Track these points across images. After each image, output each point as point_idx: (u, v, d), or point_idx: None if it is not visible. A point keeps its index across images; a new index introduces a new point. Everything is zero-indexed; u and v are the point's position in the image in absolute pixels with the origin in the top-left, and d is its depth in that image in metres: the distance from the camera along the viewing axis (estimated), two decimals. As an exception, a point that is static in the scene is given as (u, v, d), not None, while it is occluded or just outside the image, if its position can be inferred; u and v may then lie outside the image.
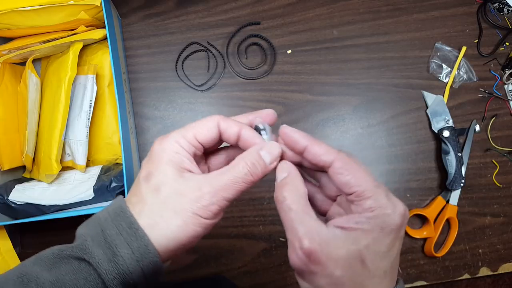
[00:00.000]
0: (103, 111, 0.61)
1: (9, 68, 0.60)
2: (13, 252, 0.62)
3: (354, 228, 0.26)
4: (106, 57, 0.61)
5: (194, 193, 0.27)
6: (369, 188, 0.26)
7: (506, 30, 0.66)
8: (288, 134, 0.30)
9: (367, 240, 0.26)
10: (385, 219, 0.26)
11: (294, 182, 0.29)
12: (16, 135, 0.60)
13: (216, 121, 0.30)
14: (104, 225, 0.28)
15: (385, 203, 0.26)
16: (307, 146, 0.29)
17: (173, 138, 0.29)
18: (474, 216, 0.65)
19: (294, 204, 0.27)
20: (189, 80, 0.66)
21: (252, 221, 0.64)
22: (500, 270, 0.64)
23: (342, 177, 0.27)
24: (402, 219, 0.26)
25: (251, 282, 0.63)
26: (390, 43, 0.66)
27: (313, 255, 0.25)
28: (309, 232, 0.26)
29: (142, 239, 0.27)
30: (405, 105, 0.66)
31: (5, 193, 0.56)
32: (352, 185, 0.27)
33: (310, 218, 0.27)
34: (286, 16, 0.67)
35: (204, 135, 0.30)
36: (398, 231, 0.26)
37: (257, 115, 0.32)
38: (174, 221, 0.27)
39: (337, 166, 0.27)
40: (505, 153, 0.65)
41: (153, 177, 0.28)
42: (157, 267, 0.27)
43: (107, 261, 0.26)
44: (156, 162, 0.29)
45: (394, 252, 0.27)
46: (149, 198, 0.28)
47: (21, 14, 0.54)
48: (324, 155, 0.28)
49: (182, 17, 0.67)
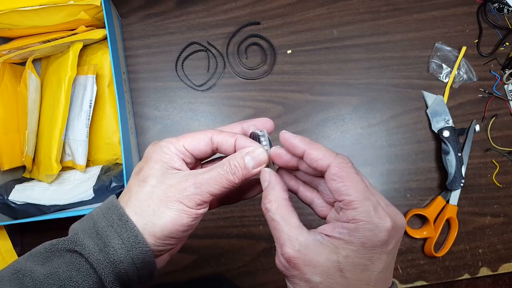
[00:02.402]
0: (103, 111, 0.61)
1: (9, 68, 0.60)
2: (13, 252, 0.62)
3: (336, 237, 0.26)
4: (106, 57, 0.61)
5: (180, 184, 0.29)
6: (357, 199, 0.26)
7: (506, 30, 0.66)
8: (287, 139, 0.30)
9: (347, 251, 0.26)
10: (366, 234, 0.26)
11: (274, 191, 0.30)
12: (16, 135, 0.60)
13: (209, 135, 0.31)
14: (95, 218, 0.29)
15: (370, 217, 0.26)
16: (305, 151, 0.29)
17: (164, 142, 0.31)
18: (474, 216, 0.65)
19: (275, 214, 0.28)
20: (189, 80, 0.66)
21: (252, 221, 0.64)
22: (500, 270, 0.64)
23: (335, 183, 0.27)
24: (387, 235, 0.26)
25: (251, 282, 0.63)
26: (390, 43, 0.66)
27: (291, 261, 0.27)
28: (289, 239, 0.27)
29: (132, 230, 0.28)
30: (405, 105, 0.66)
31: (5, 193, 0.56)
32: (341, 193, 0.27)
33: (290, 227, 0.28)
34: (286, 16, 0.67)
35: (193, 146, 0.31)
36: (383, 246, 0.26)
37: (252, 123, 0.33)
38: (160, 208, 0.28)
39: (331, 171, 0.28)
40: (505, 153, 0.65)
41: (143, 171, 0.30)
42: (147, 257, 0.28)
43: (98, 251, 0.27)
44: (147, 159, 0.31)
45: (378, 265, 0.26)
46: (136, 188, 0.30)
47: (21, 14, 0.54)
48: (321, 159, 0.28)
49: (182, 17, 0.67)
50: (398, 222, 0.27)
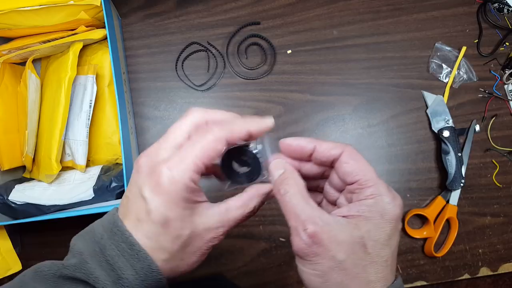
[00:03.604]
0: (103, 111, 0.61)
1: (9, 68, 0.60)
2: (13, 252, 0.62)
3: (356, 215, 0.27)
4: (106, 57, 0.61)
5: (209, 233, 0.29)
6: (372, 178, 0.28)
7: (506, 30, 0.66)
8: (291, 144, 0.30)
9: (368, 226, 0.27)
10: (385, 206, 0.27)
11: (292, 175, 0.29)
12: (16, 135, 0.60)
13: (223, 141, 0.28)
14: (101, 243, 0.27)
15: (386, 192, 0.28)
16: (316, 146, 0.30)
17: (187, 175, 0.26)
18: (474, 216, 0.64)
19: (295, 195, 0.28)
20: (189, 80, 0.66)
21: (252, 221, 0.64)
22: (500, 270, 0.64)
23: (348, 166, 0.29)
24: (400, 211, 0.28)
25: (251, 282, 0.63)
26: (390, 43, 0.66)
27: (317, 236, 0.26)
28: (312, 217, 0.27)
29: (145, 260, 0.26)
30: (405, 105, 0.66)
31: (5, 193, 0.56)
32: (356, 174, 0.28)
33: (311, 207, 0.28)
34: (286, 16, 0.67)
35: (213, 161, 0.28)
36: (397, 221, 0.28)
37: (253, 128, 0.29)
38: (183, 255, 0.29)
39: (345, 156, 0.29)
40: (505, 153, 0.65)
41: (156, 209, 0.26)
42: (160, 285, 0.27)
43: (112, 284, 0.26)
44: (158, 191, 0.26)
45: (393, 242, 0.28)
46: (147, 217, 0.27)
47: (21, 14, 0.54)
48: (333, 149, 0.29)
49: (182, 17, 0.67)
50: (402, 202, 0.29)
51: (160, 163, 0.27)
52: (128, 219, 0.28)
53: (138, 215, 0.27)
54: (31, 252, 0.63)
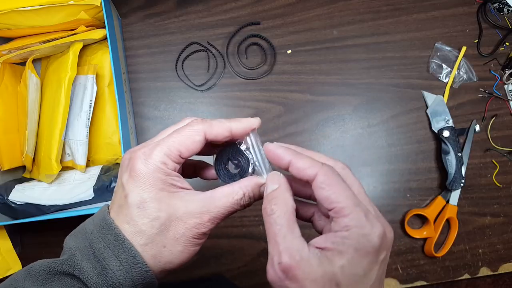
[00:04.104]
0: (103, 111, 0.61)
1: (9, 68, 0.60)
2: (13, 252, 0.62)
3: (330, 248, 0.25)
4: (106, 57, 0.61)
5: (191, 219, 0.29)
6: (348, 205, 0.25)
7: (506, 30, 0.66)
8: (272, 150, 0.29)
9: (342, 261, 0.24)
10: (360, 239, 0.25)
11: (284, 195, 0.28)
12: (16, 135, 0.60)
13: (202, 134, 0.29)
14: (91, 238, 0.28)
15: (362, 222, 0.25)
16: (291, 161, 0.28)
17: (157, 158, 0.28)
18: (474, 216, 0.65)
19: (280, 218, 0.26)
20: (189, 80, 0.66)
21: (252, 221, 0.64)
22: (500, 270, 0.64)
23: (323, 191, 0.26)
24: (380, 241, 0.25)
25: (251, 282, 0.63)
26: (390, 43, 0.66)
27: (291, 271, 0.25)
28: (290, 248, 0.25)
29: (129, 251, 0.27)
30: (405, 105, 0.66)
31: (5, 193, 0.56)
32: (331, 201, 0.26)
33: (293, 236, 0.26)
34: (286, 16, 0.67)
35: (190, 151, 0.29)
36: (375, 253, 0.25)
37: (238, 130, 0.31)
38: (166, 241, 0.28)
39: (319, 180, 0.26)
40: (505, 153, 0.65)
41: (133, 193, 0.28)
42: (148, 277, 0.27)
43: (97, 275, 0.26)
44: (134, 178, 0.28)
45: (371, 277, 0.25)
46: (136, 211, 0.28)
47: (21, 14, 0.54)
48: (308, 169, 0.27)
49: (182, 17, 0.67)
50: (388, 232, 0.26)
51: (136, 151, 0.29)
52: (113, 210, 0.29)
53: (119, 202, 0.28)
54: (31, 252, 0.63)
